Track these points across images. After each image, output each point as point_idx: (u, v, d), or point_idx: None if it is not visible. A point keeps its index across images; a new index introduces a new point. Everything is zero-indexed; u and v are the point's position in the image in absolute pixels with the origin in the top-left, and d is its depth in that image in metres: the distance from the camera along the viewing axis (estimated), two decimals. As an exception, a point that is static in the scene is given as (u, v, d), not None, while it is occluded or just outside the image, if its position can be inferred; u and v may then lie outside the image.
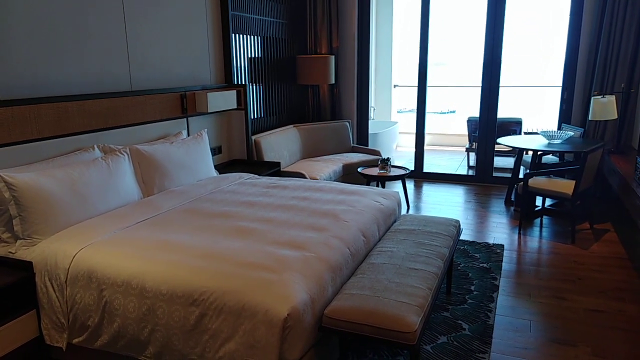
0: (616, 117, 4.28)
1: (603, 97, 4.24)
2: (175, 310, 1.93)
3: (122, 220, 2.53)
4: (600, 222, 4.19)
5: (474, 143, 6.31)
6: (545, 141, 4.40)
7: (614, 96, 4.27)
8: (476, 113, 5.71)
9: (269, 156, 4.57)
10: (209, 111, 3.81)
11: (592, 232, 4.00)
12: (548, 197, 3.99)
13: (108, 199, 2.70)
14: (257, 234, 2.36)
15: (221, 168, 4.04)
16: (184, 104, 3.74)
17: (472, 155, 6.40)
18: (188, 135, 3.78)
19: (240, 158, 4.41)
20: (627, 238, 3.82)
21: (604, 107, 4.19)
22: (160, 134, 3.55)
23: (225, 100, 4.00)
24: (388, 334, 1.85)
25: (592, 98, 4.29)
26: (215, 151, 4.20)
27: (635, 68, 4.57)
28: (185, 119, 3.80)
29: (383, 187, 4.83)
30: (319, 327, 1.95)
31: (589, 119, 4.40)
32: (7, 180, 2.30)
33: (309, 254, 2.15)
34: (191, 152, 3.42)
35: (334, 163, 4.90)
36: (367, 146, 5.99)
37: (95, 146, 2.93)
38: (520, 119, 6.17)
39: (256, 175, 3.67)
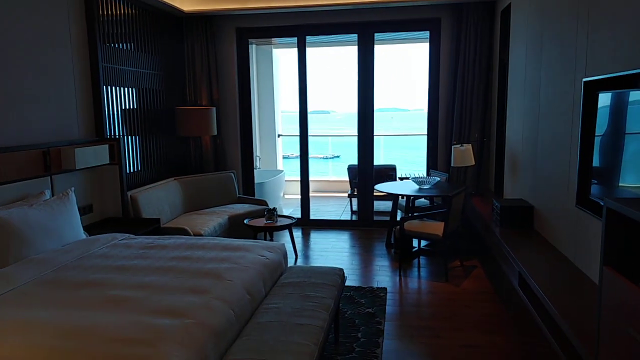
0: (474, 163, 4.80)
1: (461, 145, 4.74)
2: (31, 404, 1.68)
3: (-35, 300, 2.18)
4: (468, 259, 4.59)
5: (355, 189, 6.62)
6: (416, 186, 4.76)
7: (470, 145, 4.80)
8: (356, 160, 6.03)
9: (147, 212, 4.33)
10: (77, 167, 3.53)
11: (462, 269, 4.35)
12: (422, 239, 4.29)
13: (-52, 276, 2.32)
14: (131, 303, 2.18)
15: (92, 228, 3.72)
16: (47, 161, 3.42)
17: (355, 200, 6.70)
18: (52, 195, 3.45)
19: (115, 216, 4.12)
20: (492, 273, 4.22)
21: (462, 154, 4.68)
22: (19, 196, 3.19)
23: (96, 155, 3.75)
24: (275, 398, 1.79)
25: (452, 147, 4.78)
26: (86, 210, 3.87)
27: (486, 120, 5.21)
28: (48, 178, 3.47)
29: (271, 237, 4.82)
30: (202, 400, 1.83)
31: (452, 165, 4.87)
32: None
33: (189, 320, 2.03)
34: (55, 214, 3.11)
35: (219, 215, 4.79)
36: (254, 196, 5.98)
37: None
38: (395, 165, 6.64)
39: (132, 235, 3.43)
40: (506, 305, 3.54)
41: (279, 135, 8.76)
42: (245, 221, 4.70)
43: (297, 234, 5.73)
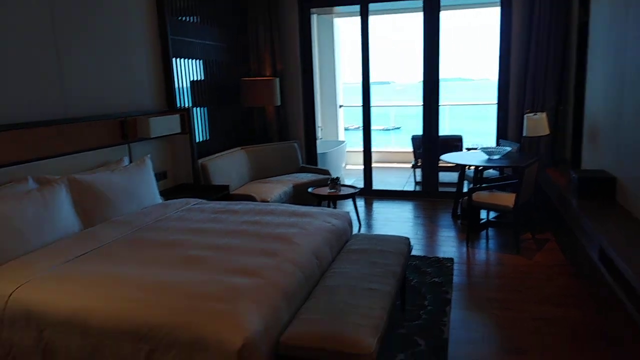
0: (548, 132, 4.54)
1: (535, 114, 4.49)
2: (124, 348, 1.82)
3: (61, 255, 2.38)
4: (540, 232, 4.40)
5: (419, 160, 6.49)
6: (485, 157, 4.58)
7: (544, 113, 4.53)
8: (420, 130, 5.89)
9: (216, 180, 4.48)
10: (152, 136, 3.70)
11: (534, 241, 4.18)
12: (491, 210, 4.15)
13: (45, 233, 2.54)
14: (207, 262, 2.28)
15: (167, 194, 3.91)
16: (125, 130, 3.61)
17: (418, 171, 6.58)
18: (130, 162, 3.64)
19: (187, 183, 4.30)
20: (566, 246, 4.02)
21: (536, 123, 4.44)
22: (100, 162, 3.40)
23: (168, 124, 3.90)
24: (345, 357, 1.83)
25: (525, 116, 4.54)
26: (160, 177, 4.07)
27: (562, 87, 4.88)
28: (126, 145, 3.67)
29: (334, 206, 4.85)
30: (276, 355, 1.90)
31: (524, 135, 4.64)
32: None
33: (262, 280, 2.10)
34: (134, 179, 3.29)
35: (284, 184, 4.87)
36: (316, 166, 6.02)
37: (29, 177, 2.76)
38: (461, 136, 6.42)
39: (204, 200, 3.57)
40: (582, 279, 3.37)
41: (340, 106, 8.71)
42: (309, 189, 4.76)
43: (360, 203, 5.74)
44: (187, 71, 4.57)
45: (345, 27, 9.05)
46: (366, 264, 2.58)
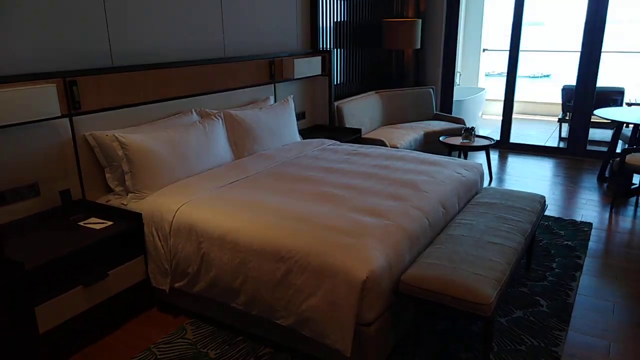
0: None
1: None
2: (264, 265, 2.12)
3: (216, 180, 2.76)
4: None
5: (567, 113, 5.94)
6: (650, 115, 4.06)
7: None
8: (573, 80, 5.34)
9: (350, 122, 4.64)
10: (295, 77, 3.93)
11: (696, 215, 3.70)
12: (647, 175, 3.73)
13: (204, 160, 2.95)
14: (339, 199, 2.48)
15: (305, 133, 4.19)
16: (272, 70, 3.89)
17: (565, 126, 6.04)
18: (275, 101, 3.95)
19: (323, 124, 4.53)
20: None
21: None
22: (250, 99, 3.74)
23: (310, 66, 4.10)
24: (463, 304, 1.92)
25: None
26: (300, 116, 4.34)
27: None
28: (272, 85, 3.96)
29: (465, 157, 4.75)
30: (395, 292, 2.05)
31: None
32: (121, 140, 2.58)
33: (388, 222, 2.24)
34: (278, 117, 3.58)
35: (415, 131, 4.87)
36: (451, 114, 5.86)
37: (193, 110, 3.17)
38: (623, 88, 5.69)
39: (338, 142, 3.77)
40: None
41: (484, 50, 8.18)
42: (440, 138, 4.70)
43: (494, 156, 5.51)
44: (331, 12, 4.67)
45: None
46: (494, 218, 2.56)
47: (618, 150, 4.60)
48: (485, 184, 4.56)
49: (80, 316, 2.22)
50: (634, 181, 4.33)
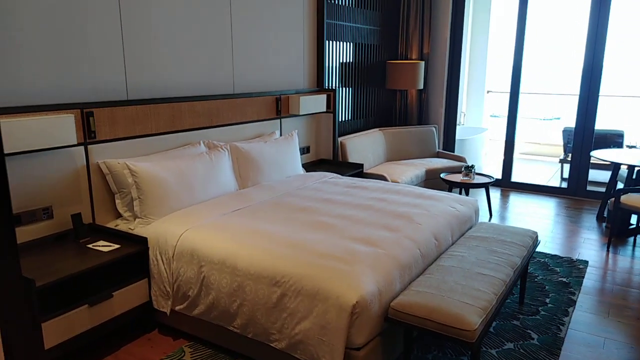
0: None
1: None
2: (261, 289, 2.22)
3: (220, 208, 2.89)
4: None
5: (568, 154, 6.05)
6: (645, 156, 4.16)
7: None
8: (573, 122, 5.49)
9: (353, 157, 4.80)
10: (301, 113, 4.12)
11: (693, 256, 3.74)
12: (643, 215, 3.80)
13: (210, 189, 3.09)
14: (335, 229, 2.59)
15: (308, 166, 4.34)
16: (279, 107, 4.08)
17: (567, 166, 6.14)
18: (280, 135, 4.12)
19: (326, 158, 4.69)
20: None
21: None
22: (256, 133, 3.92)
23: (315, 103, 4.29)
24: (449, 330, 1.99)
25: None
26: (304, 150, 4.51)
27: None
28: (278, 120, 4.15)
29: (467, 194, 4.85)
30: (385, 318, 2.14)
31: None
32: (131, 168, 2.74)
33: (381, 250, 2.34)
34: (282, 150, 3.74)
35: (417, 167, 5.00)
36: (454, 152, 6.00)
37: (201, 142, 3.35)
38: (622, 131, 5.81)
39: (339, 175, 3.91)
40: None
41: (488, 92, 8.40)
42: (441, 175, 4.82)
43: (495, 194, 5.61)
44: (337, 53, 4.91)
45: (502, 7, 8.58)
46: (485, 252, 2.65)
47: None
48: (485, 219, 4.64)
49: (84, 334, 2.32)
50: (632, 222, 4.39)
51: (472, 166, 4.72)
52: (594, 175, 5.67)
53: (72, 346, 2.28)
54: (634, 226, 4.31)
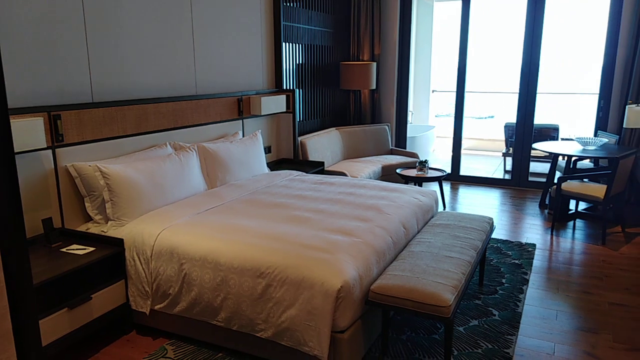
0: (651, 125, 4.41)
1: (637, 105, 4.38)
2: (245, 281, 2.29)
3: (194, 207, 2.92)
4: (632, 227, 4.34)
5: (510, 148, 6.48)
6: (580, 147, 4.57)
7: (649, 105, 4.40)
8: (512, 119, 5.90)
9: (313, 156, 4.92)
10: (262, 114, 4.19)
11: (624, 235, 4.16)
12: (580, 200, 4.18)
13: (180, 189, 3.11)
14: (311, 222, 2.70)
15: (271, 166, 4.41)
16: (240, 107, 4.13)
17: (509, 159, 6.58)
18: (243, 135, 4.18)
19: (288, 157, 4.78)
20: (658, 241, 3.97)
21: (638, 115, 4.34)
22: (220, 134, 3.95)
23: (276, 104, 4.38)
24: (426, 307, 2.16)
25: (627, 107, 4.44)
26: (266, 150, 4.58)
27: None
28: (241, 121, 4.20)
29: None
30: (366, 301, 2.27)
31: (624, 126, 4.55)
32: (103, 170, 2.72)
33: (357, 239, 2.48)
34: (248, 150, 3.81)
35: (374, 164, 5.20)
36: (405, 149, 6.27)
37: (167, 143, 3.35)
38: (557, 125, 6.31)
39: (303, 173, 4.02)
40: (670, 274, 3.37)
41: (433, 91, 8.80)
42: (397, 170, 5.04)
43: (446, 187, 5.92)
44: (293, 55, 5.02)
45: (443, 11, 9.04)
46: (449, 237, 2.85)
47: (556, 179, 5.09)
48: (440, 209, 4.90)
49: (64, 338, 2.29)
50: (571, 207, 4.80)
51: (426, 161, 4.97)
52: (534, 166, 6.12)
53: (54, 350, 2.25)
54: (572, 211, 4.72)
